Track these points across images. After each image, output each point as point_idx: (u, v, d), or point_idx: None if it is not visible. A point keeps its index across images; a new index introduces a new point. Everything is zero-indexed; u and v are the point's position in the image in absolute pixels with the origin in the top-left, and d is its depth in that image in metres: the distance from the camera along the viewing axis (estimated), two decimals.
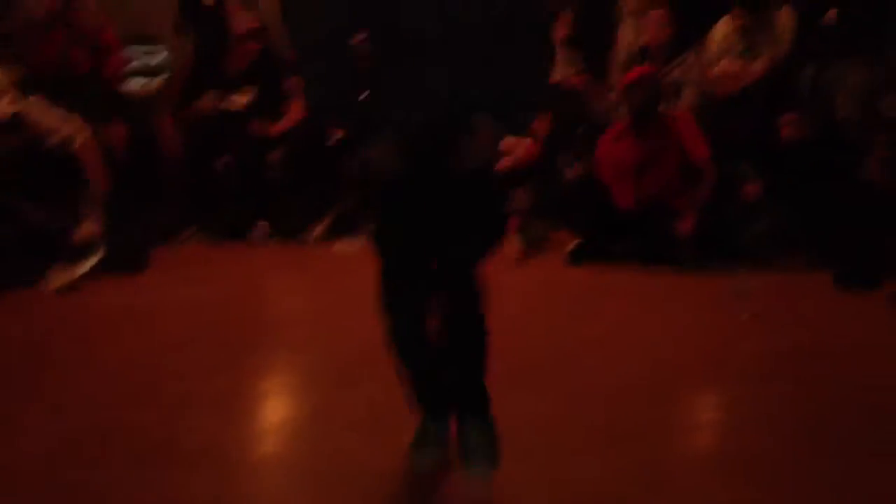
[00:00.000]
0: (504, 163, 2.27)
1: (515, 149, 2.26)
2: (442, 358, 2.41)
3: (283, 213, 5.19)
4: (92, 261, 4.12)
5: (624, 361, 3.28)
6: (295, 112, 5.42)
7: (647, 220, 4.66)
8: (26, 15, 5.36)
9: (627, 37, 5.71)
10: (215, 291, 4.19)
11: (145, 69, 6.13)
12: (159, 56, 6.27)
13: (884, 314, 3.83)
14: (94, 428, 2.69)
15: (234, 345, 3.46)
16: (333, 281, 4.38)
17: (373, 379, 3.04)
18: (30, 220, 4.20)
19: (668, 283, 4.30)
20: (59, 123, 4.52)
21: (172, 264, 4.62)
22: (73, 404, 2.86)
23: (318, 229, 5.13)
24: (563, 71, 5.84)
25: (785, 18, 5.32)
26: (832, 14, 5.00)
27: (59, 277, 4.11)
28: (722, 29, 5.38)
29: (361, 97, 2.39)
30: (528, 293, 4.20)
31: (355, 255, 4.97)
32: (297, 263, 4.77)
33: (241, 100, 5.33)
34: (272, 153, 5.29)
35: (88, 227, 4.36)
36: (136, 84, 5.87)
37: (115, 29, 5.63)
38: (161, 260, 4.60)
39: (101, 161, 4.57)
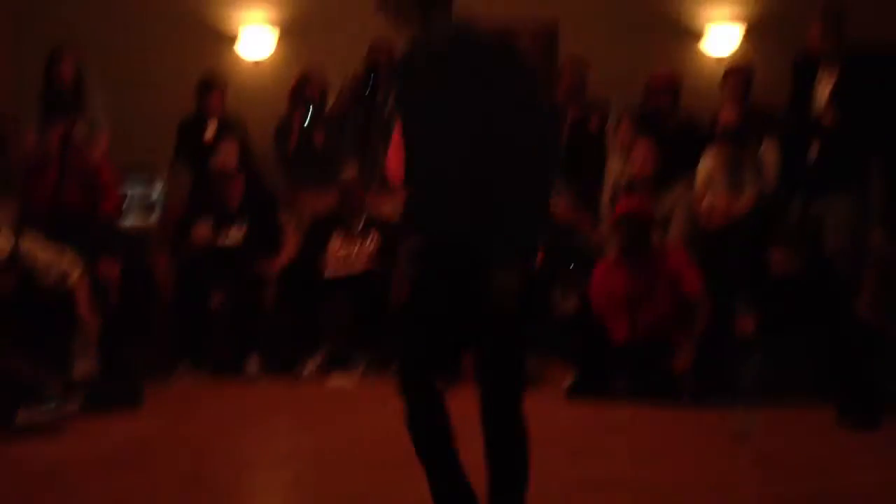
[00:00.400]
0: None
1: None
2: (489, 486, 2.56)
3: (276, 347, 5.17)
4: (67, 408, 4.04)
5: (622, 501, 3.20)
6: (290, 248, 5.46)
7: (643, 354, 4.65)
8: (24, 152, 5.48)
9: (616, 170, 5.85)
10: (208, 429, 4.14)
11: (142, 204, 6.23)
12: (156, 191, 6.39)
13: (889, 452, 3.77)
14: None
15: (228, 484, 3.38)
16: (326, 419, 4.32)
17: None
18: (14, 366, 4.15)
19: (667, 421, 4.25)
20: (54, 260, 4.54)
21: (165, 400, 4.58)
22: None
23: (312, 364, 5.10)
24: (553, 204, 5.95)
25: (769, 153, 5.47)
26: (815, 149, 5.13)
27: (31, 418, 4.04)
28: (707, 163, 5.52)
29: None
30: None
31: (350, 390, 4.94)
32: (290, 400, 4.73)
33: (235, 234, 5.37)
34: (266, 288, 5.30)
35: (83, 367, 4.32)
36: (132, 220, 5.95)
37: (112, 165, 5.77)
38: (155, 396, 4.55)
39: (94, 298, 4.56)
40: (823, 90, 5.08)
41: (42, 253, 4.58)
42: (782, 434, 3.94)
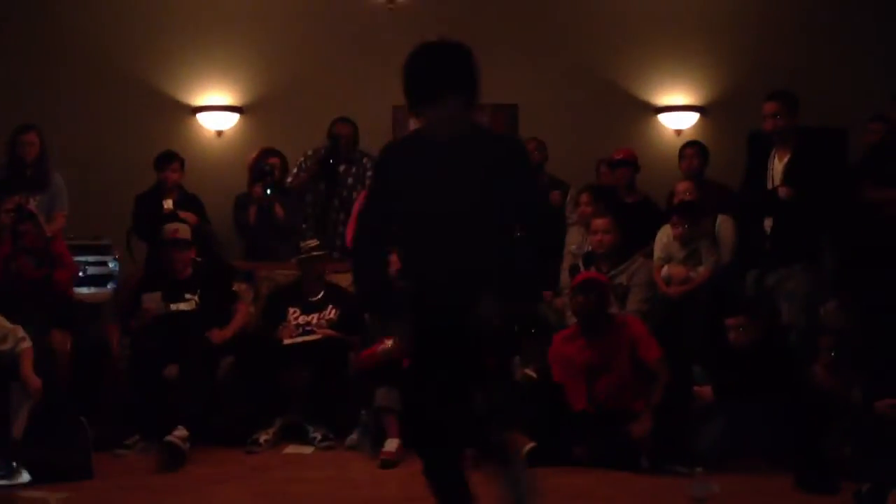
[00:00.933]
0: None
1: None
2: None
3: (230, 419, 5.07)
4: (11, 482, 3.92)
5: None
6: (240, 318, 5.39)
7: (602, 422, 4.62)
8: None
9: (575, 242, 5.92)
10: (158, 500, 4.03)
11: (97, 276, 6.17)
12: (111, 263, 6.34)
13: None
14: None
15: None
16: (280, 488, 4.22)
17: None
18: None
19: (627, 487, 4.21)
20: (9, 328, 4.48)
21: (115, 472, 4.46)
22: None
23: (266, 436, 5.00)
24: None
25: (725, 226, 5.57)
26: (769, 223, 5.23)
27: None
28: (664, 236, 5.61)
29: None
30: (486, 497, 4.06)
31: (305, 458, 4.84)
32: (244, 469, 4.61)
33: (186, 304, 5.31)
34: (221, 360, 5.23)
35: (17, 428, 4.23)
36: (85, 292, 5.89)
37: (65, 237, 5.73)
38: (103, 468, 4.44)
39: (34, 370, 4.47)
40: (777, 166, 5.20)
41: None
42: (741, 498, 3.92)
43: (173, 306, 5.27)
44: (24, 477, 3.99)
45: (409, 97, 2.83)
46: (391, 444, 4.68)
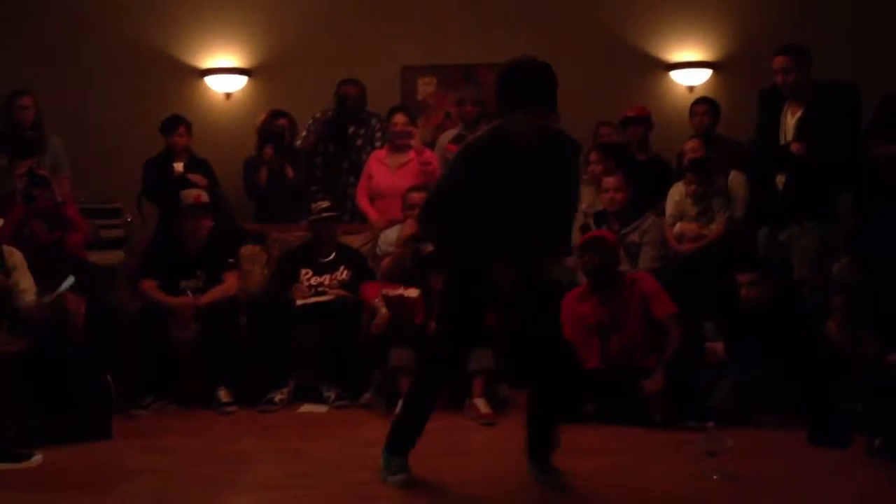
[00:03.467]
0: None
1: None
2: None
3: (245, 379, 5.11)
4: (21, 465, 3.95)
5: None
6: (221, 288, 5.28)
7: (614, 379, 4.63)
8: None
9: (585, 201, 5.90)
10: (176, 458, 4.07)
11: (107, 241, 6.19)
12: (123, 227, 6.36)
13: (859, 471, 3.76)
14: None
15: None
16: (295, 446, 4.26)
17: None
18: None
19: (638, 443, 4.23)
20: (23, 275, 4.66)
21: (132, 432, 4.50)
22: None
23: (280, 395, 5.04)
24: None
25: (737, 182, 5.54)
26: (782, 179, 5.20)
27: None
28: (676, 193, 5.58)
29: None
30: (496, 453, 4.10)
31: (319, 417, 4.88)
32: (259, 428, 4.65)
33: (194, 283, 5.30)
34: (237, 320, 5.25)
35: None
36: (98, 255, 5.91)
37: (77, 200, 5.74)
38: (121, 428, 4.49)
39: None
40: (790, 121, 5.16)
41: (22, 263, 4.75)
42: (753, 453, 3.93)
43: (182, 283, 5.27)
44: (37, 460, 4.01)
45: (504, 101, 3.42)
46: None
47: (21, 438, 4.07)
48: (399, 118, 6.16)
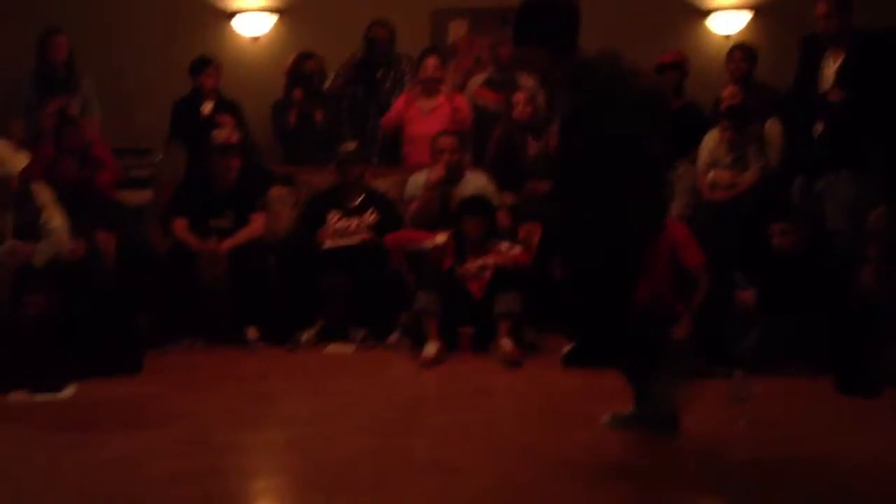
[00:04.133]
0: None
1: None
2: None
3: (274, 318, 5.14)
4: (55, 396, 4.04)
5: (616, 466, 3.18)
6: (248, 230, 5.28)
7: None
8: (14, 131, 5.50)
9: None
10: (205, 393, 4.12)
11: (137, 180, 6.21)
12: (152, 167, 6.38)
13: (888, 421, 3.73)
14: None
15: (224, 448, 3.35)
16: (323, 384, 4.30)
17: (362, 488, 2.95)
18: None
19: None
20: (54, 212, 4.71)
21: (164, 367, 4.56)
22: None
23: (309, 334, 5.08)
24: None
25: (773, 130, 5.44)
26: (819, 127, 5.10)
27: (21, 396, 4.04)
28: (710, 140, 5.50)
29: None
30: (522, 396, 4.11)
31: (347, 357, 4.92)
32: (287, 366, 4.70)
33: (220, 223, 5.32)
34: (265, 260, 5.28)
35: None
36: (128, 195, 5.93)
37: (107, 141, 5.76)
38: (153, 363, 4.55)
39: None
40: (830, 68, 5.05)
41: (51, 199, 4.78)
42: (780, 401, 3.91)
43: (212, 222, 5.28)
44: (70, 391, 4.08)
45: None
46: (431, 347, 4.73)
47: (55, 371, 4.14)
48: (431, 61, 6.09)
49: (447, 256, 5.00)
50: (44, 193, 4.79)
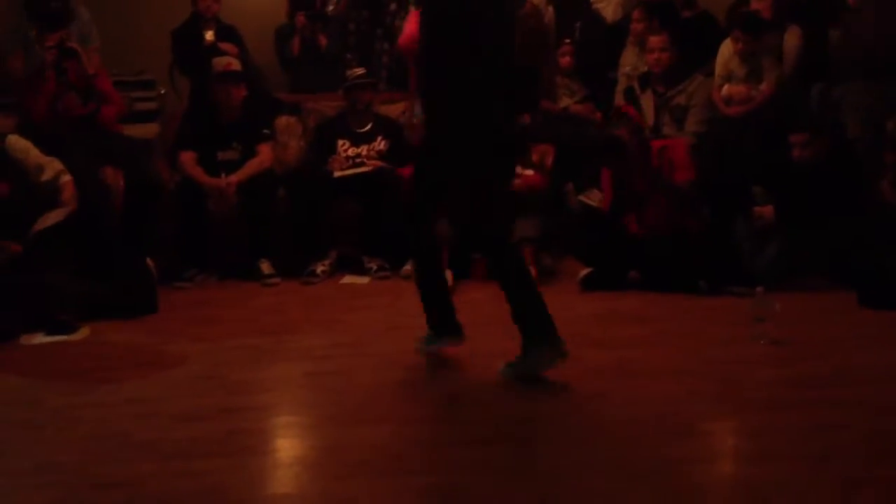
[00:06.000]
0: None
1: None
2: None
3: (286, 250, 5.10)
4: (69, 337, 4.02)
5: (639, 391, 3.16)
6: (256, 161, 5.17)
7: (656, 245, 4.54)
8: (14, 67, 5.37)
9: (628, 63, 5.68)
10: (220, 329, 4.11)
11: (142, 113, 6.11)
12: (157, 99, 6.26)
13: None
14: (87, 482, 2.56)
15: (242, 385, 3.35)
16: (338, 316, 4.28)
17: (382, 420, 2.95)
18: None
19: (684, 309, 4.18)
20: (45, 161, 4.44)
21: (176, 305, 4.54)
22: (68, 459, 2.74)
23: (323, 266, 5.04)
24: (565, 100, 5.80)
25: (791, 39, 5.26)
26: (837, 34, 4.95)
27: (35, 339, 4.02)
28: (724, 53, 5.34)
29: None
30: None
31: (361, 288, 4.89)
32: (302, 299, 4.68)
33: (227, 156, 5.23)
34: (275, 192, 5.21)
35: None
36: (133, 128, 5.84)
37: (109, 74, 5.64)
38: (167, 300, 4.53)
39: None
40: None
41: (32, 153, 4.47)
42: (802, 316, 3.88)
43: (220, 154, 5.20)
44: (84, 332, 4.06)
45: None
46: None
47: (67, 311, 4.12)
48: None
49: None
50: (17, 144, 4.52)
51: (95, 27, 5.77)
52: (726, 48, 5.34)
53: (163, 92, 6.29)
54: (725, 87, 5.28)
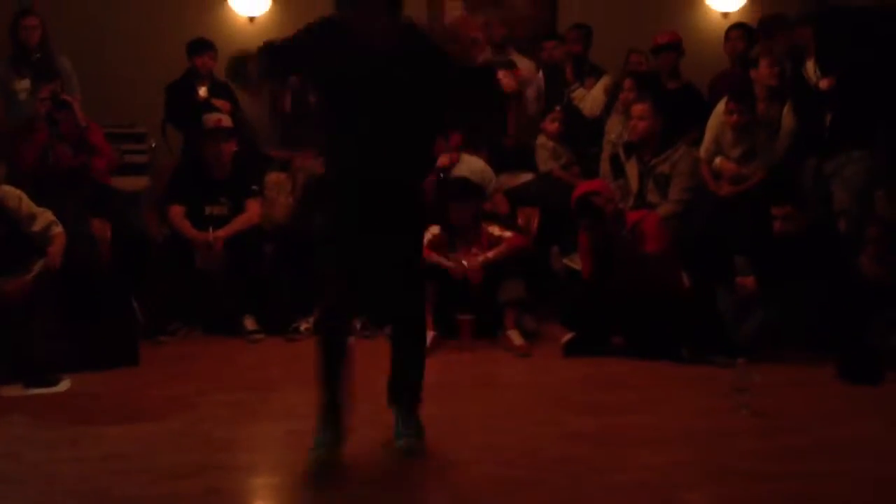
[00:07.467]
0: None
1: None
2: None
3: (271, 307, 5.11)
4: (50, 389, 4.01)
5: (618, 459, 3.16)
6: (243, 218, 5.20)
7: (637, 311, 4.57)
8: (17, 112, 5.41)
9: (613, 131, 5.77)
10: (203, 385, 4.09)
11: (132, 166, 6.15)
12: (147, 152, 6.31)
13: (891, 408, 3.73)
14: None
15: (223, 442, 3.34)
16: None
17: (358, 483, 2.94)
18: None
19: (665, 377, 4.20)
20: (37, 211, 4.46)
21: (159, 359, 4.53)
22: None
23: (306, 324, 5.04)
24: (550, 164, 5.89)
25: (787, 119, 5.27)
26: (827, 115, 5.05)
27: (16, 391, 4.01)
28: (714, 124, 5.37)
29: None
30: (524, 385, 4.09)
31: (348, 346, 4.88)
32: (286, 357, 4.66)
33: (220, 210, 5.26)
34: (262, 248, 5.24)
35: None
36: (123, 181, 5.87)
37: (101, 128, 5.67)
38: (148, 355, 4.52)
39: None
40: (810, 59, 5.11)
41: (24, 203, 4.48)
42: (782, 388, 3.90)
43: (208, 209, 5.23)
44: (65, 385, 4.06)
45: None
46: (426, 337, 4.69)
47: (49, 363, 4.11)
48: None
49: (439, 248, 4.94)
50: (10, 195, 4.46)
51: (76, 78, 5.81)
52: (716, 118, 5.39)
53: (154, 145, 6.35)
54: (717, 160, 5.31)
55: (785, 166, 5.24)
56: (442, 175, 5.31)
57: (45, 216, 4.45)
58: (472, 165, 5.47)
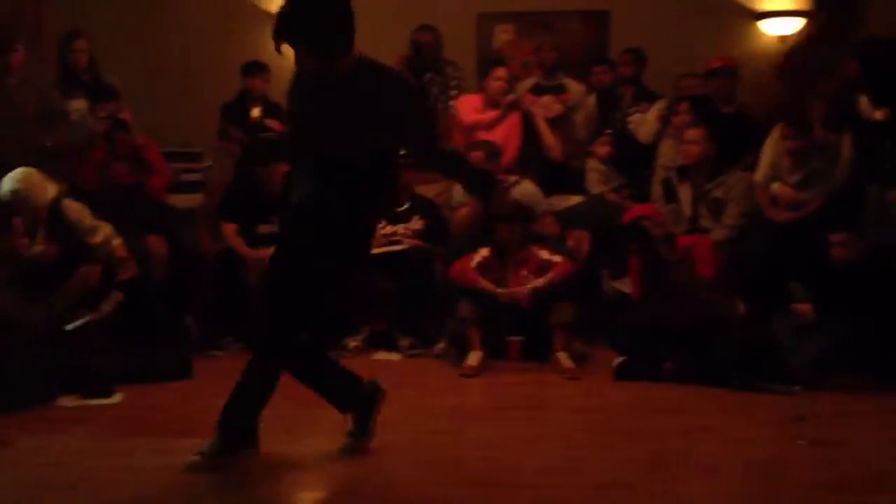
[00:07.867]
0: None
1: None
2: None
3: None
4: (104, 401, 4.08)
5: (669, 485, 3.10)
6: None
7: (692, 337, 4.51)
8: (71, 132, 5.52)
9: (665, 155, 5.73)
10: None
11: (187, 184, 6.25)
12: (202, 171, 6.41)
13: None
14: None
15: (270, 457, 3.35)
16: None
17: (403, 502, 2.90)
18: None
19: (717, 403, 4.12)
20: (98, 224, 4.62)
21: (212, 373, 4.54)
22: None
23: (354, 342, 5.07)
24: (601, 187, 5.86)
25: (847, 148, 5.16)
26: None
27: (72, 401, 4.09)
28: (770, 150, 5.30)
29: None
30: (573, 409, 4.05)
31: (394, 365, 4.89)
32: None
33: (267, 230, 5.32)
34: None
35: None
36: (179, 198, 5.97)
37: (158, 146, 5.78)
38: (202, 369, 4.57)
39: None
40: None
41: (85, 215, 4.63)
42: (841, 417, 3.81)
43: (261, 228, 5.29)
44: (118, 397, 4.12)
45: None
46: (473, 357, 4.69)
47: (104, 375, 4.16)
48: (501, 73, 6.00)
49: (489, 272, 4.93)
50: (71, 208, 4.66)
51: (124, 97, 5.89)
52: (772, 144, 5.29)
53: (208, 164, 6.45)
54: (775, 185, 5.21)
55: (843, 193, 5.14)
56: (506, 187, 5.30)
57: (104, 229, 4.56)
58: (521, 187, 5.46)
